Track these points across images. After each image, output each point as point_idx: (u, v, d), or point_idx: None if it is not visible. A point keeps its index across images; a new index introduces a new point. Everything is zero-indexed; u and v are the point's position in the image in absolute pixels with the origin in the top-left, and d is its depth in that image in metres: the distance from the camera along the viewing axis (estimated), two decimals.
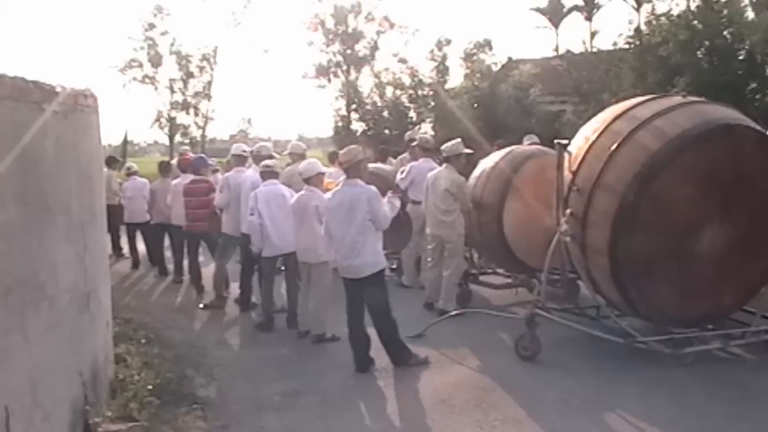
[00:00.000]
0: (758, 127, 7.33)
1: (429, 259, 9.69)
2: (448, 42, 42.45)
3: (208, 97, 51.35)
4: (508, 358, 7.51)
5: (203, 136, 52.73)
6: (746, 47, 21.13)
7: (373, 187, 7.21)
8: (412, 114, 30.62)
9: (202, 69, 50.72)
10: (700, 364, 7.08)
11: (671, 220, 6.87)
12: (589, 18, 56.87)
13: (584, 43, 32.54)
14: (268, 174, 9.12)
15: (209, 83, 51.24)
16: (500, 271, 10.57)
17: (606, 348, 7.37)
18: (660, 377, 6.85)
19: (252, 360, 8.05)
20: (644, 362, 7.13)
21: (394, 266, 11.41)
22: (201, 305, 10.49)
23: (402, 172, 10.87)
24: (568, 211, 7.23)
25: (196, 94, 50.99)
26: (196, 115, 51.42)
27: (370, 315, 7.33)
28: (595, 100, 20.16)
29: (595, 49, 30.69)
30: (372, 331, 7.40)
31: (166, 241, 13.10)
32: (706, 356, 7.23)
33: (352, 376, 7.27)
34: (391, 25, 47.99)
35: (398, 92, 31.84)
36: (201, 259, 11.62)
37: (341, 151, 7.88)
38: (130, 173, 14.31)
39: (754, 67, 20.92)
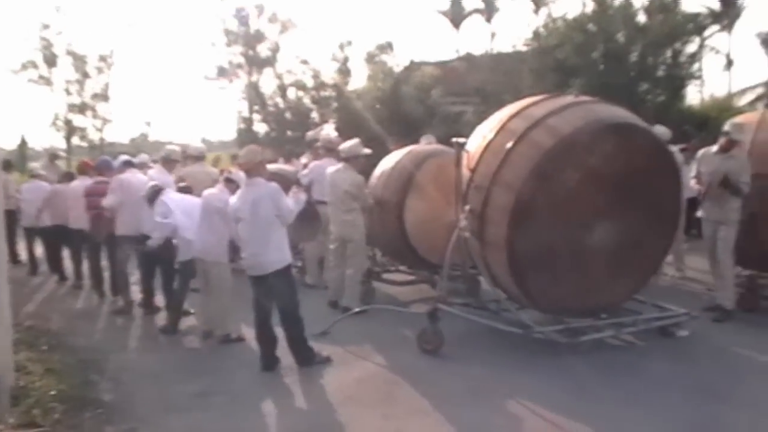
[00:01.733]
0: (646, 126, 7.67)
1: (332, 258, 9.77)
2: (350, 44, 42.65)
3: (106, 98, 50.03)
4: (412, 353, 7.66)
5: (101, 139, 51.34)
6: (638, 50, 21.97)
7: (275, 184, 7.28)
8: (314, 115, 30.66)
9: (99, 70, 49.38)
10: (595, 351, 7.43)
11: (565, 214, 7.12)
12: (488, 20, 58.06)
13: (485, 44, 33.12)
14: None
15: (107, 85, 49.95)
16: (403, 268, 10.72)
17: (506, 339, 7.61)
18: (557, 365, 7.13)
19: (157, 362, 7.99)
20: (543, 352, 7.43)
21: (299, 263, 11.46)
22: (111, 310, 10.33)
23: (304, 169, 10.98)
24: (467, 207, 7.43)
25: (94, 96, 49.61)
26: (95, 117, 50.01)
27: (278, 313, 7.36)
28: (496, 100, 20.58)
29: (495, 51, 31.35)
30: (278, 330, 7.44)
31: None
32: (600, 344, 7.59)
33: (258, 375, 7.30)
34: (294, 27, 47.81)
35: (300, 93, 31.85)
36: (102, 263, 11.41)
37: (240, 152, 7.90)
38: (34, 175, 13.93)
39: (646, 69, 21.77)
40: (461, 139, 7.93)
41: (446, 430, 5.84)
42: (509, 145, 7.20)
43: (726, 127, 8.85)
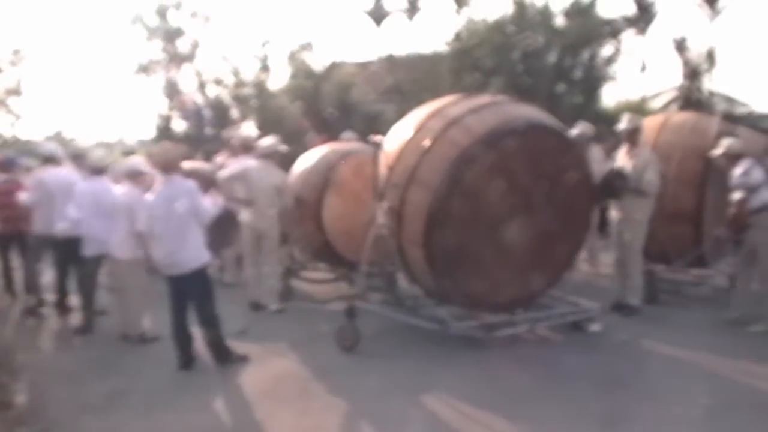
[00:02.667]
0: (559, 125, 7.87)
1: (248, 256, 9.70)
2: (272, 42, 42.41)
3: (18, 93, 48.57)
4: (330, 350, 7.69)
5: (14, 135, 49.82)
6: (556, 52, 22.50)
7: (192, 182, 7.23)
8: (234, 112, 30.39)
9: (12, 64, 47.93)
10: (511, 346, 7.64)
11: (481, 212, 7.24)
12: (411, 20, 58.33)
13: (407, 45, 33.30)
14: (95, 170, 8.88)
15: (19, 81, 48.51)
16: (322, 266, 10.74)
17: (424, 336, 7.72)
18: (474, 360, 7.28)
19: (72, 363, 7.85)
20: (460, 347, 7.57)
21: (218, 261, 11.39)
22: (23, 310, 10.06)
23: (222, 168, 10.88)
24: (384, 205, 7.49)
25: (8, 92, 48.14)
26: (7, 113, 48.51)
27: (195, 311, 7.31)
28: (416, 100, 20.84)
29: (417, 51, 31.56)
30: (194, 329, 7.39)
31: None
32: (515, 339, 7.78)
33: (175, 373, 7.25)
34: (212, 22, 47.29)
35: (220, 90, 31.52)
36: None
37: (155, 150, 7.81)
38: None
39: (563, 70, 22.32)
40: (378, 138, 8.00)
41: (362, 425, 5.93)
42: (426, 143, 7.29)
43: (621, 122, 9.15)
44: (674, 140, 9.76)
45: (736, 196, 8.37)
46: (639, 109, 27.27)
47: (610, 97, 32.51)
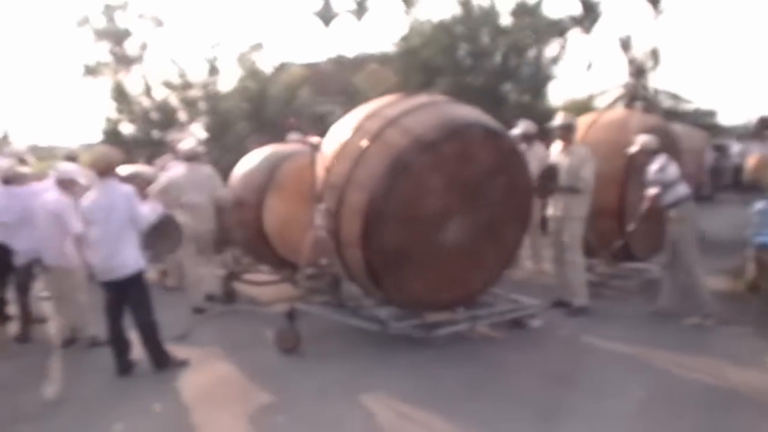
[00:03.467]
0: (497, 125, 7.93)
1: (191, 260, 9.61)
2: (222, 43, 41.97)
3: None
4: (270, 352, 7.69)
5: None
6: (502, 51, 22.67)
7: (129, 186, 7.17)
8: (182, 115, 30.04)
9: None
10: (452, 344, 7.68)
11: (419, 212, 7.26)
12: (359, 21, 58.41)
13: (356, 45, 33.23)
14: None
15: None
16: (265, 268, 10.70)
17: (366, 337, 7.75)
18: (414, 360, 7.31)
19: (8, 371, 7.72)
20: (401, 347, 7.60)
21: (162, 268, 11.32)
22: None
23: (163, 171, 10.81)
24: (322, 206, 7.49)
25: None
26: None
27: (132, 317, 7.24)
28: (362, 100, 20.87)
29: (365, 52, 31.55)
30: (133, 334, 7.32)
31: None
32: (456, 337, 7.82)
33: (113, 380, 7.18)
34: (162, 24, 46.71)
35: (168, 93, 31.10)
36: None
37: (92, 155, 7.70)
38: None
39: (508, 69, 22.49)
40: (316, 139, 8.00)
41: (299, 427, 5.92)
42: (364, 144, 7.30)
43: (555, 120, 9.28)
44: (601, 137, 10.02)
45: (651, 191, 8.65)
46: (585, 107, 27.60)
47: (557, 95, 32.86)
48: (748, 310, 9.42)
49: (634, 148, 9.07)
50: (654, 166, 8.74)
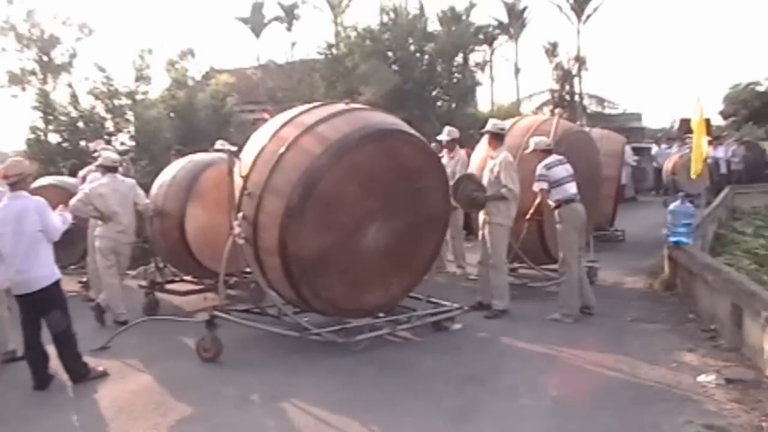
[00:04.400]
0: (413, 131, 8.03)
1: (110, 272, 9.44)
2: (150, 51, 41.42)
3: None
4: (191, 362, 7.63)
5: None
6: (428, 58, 22.88)
7: (41, 198, 7.07)
8: (109, 125, 29.60)
9: None
10: (373, 349, 7.72)
11: (337, 218, 7.33)
12: (289, 28, 58.29)
13: (285, 53, 33.10)
14: None
15: None
16: (188, 277, 10.63)
17: (288, 344, 7.74)
18: (335, 365, 7.34)
19: None
20: (321, 353, 7.61)
21: (83, 280, 11.17)
22: None
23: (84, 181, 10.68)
24: (240, 214, 7.49)
25: None
26: None
27: (48, 330, 7.12)
28: (290, 108, 20.87)
29: (295, 59, 31.54)
30: (50, 347, 7.20)
31: None
32: (378, 342, 7.88)
33: (31, 394, 7.02)
34: (90, 32, 45.85)
35: (95, 102, 30.59)
36: None
37: (5, 164, 7.56)
38: None
39: (435, 75, 22.71)
40: (233, 147, 8.01)
41: None
42: (280, 151, 7.32)
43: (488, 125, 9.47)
44: (518, 143, 10.22)
45: (536, 187, 9.11)
46: (512, 112, 28.03)
47: (484, 101, 33.38)
48: (663, 308, 9.71)
49: (528, 150, 9.38)
50: (541, 164, 9.08)
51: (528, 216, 9.70)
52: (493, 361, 7.51)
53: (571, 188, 9.04)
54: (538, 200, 9.36)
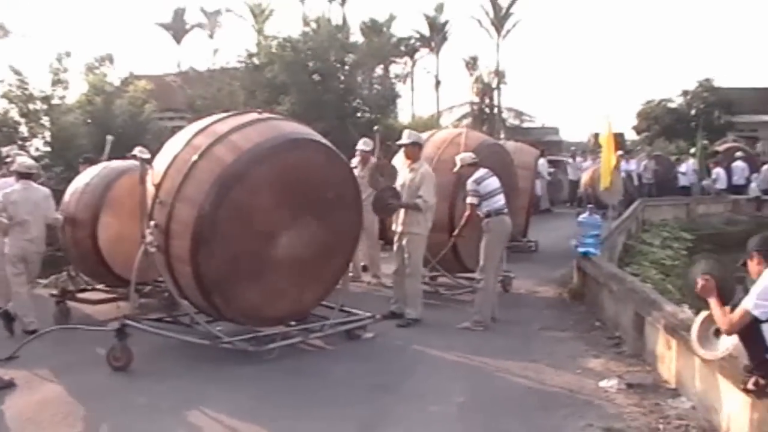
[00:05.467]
0: (325, 142, 8.13)
1: (15, 278, 9.25)
2: (69, 54, 40.47)
3: None
4: (102, 371, 7.50)
5: None
6: (348, 68, 22.99)
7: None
8: (23, 129, 28.85)
9: None
10: (285, 357, 7.74)
11: (249, 227, 7.37)
12: (211, 36, 57.89)
13: (207, 60, 32.73)
14: None
15: None
16: (101, 286, 10.47)
17: (200, 352, 7.70)
18: (246, 374, 7.35)
19: None
20: (233, 362, 7.60)
21: None
22: None
23: None
24: (152, 222, 7.46)
25: None
26: None
27: None
28: (209, 116, 20.74)
29: (217, 67, 31.26)
30: None
31: None
32: (290, 350, 7.91)
33: None
34: (6, 33, 44.65)
35: (8, 106, 29.80)
36: None
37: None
38: None
39: (355, 86, 22.83)
40: (145, 155, 7.96)
41: None
42: (193, 159, 7.33)
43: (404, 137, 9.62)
44: (432, 154, 10.43)
45: (468, 200, 9.33)
46: (431, 124, 28.37)
47: (405, 113, 33.70)
48: (571, 316, 10.01)
49: (457, 166, 9.56)
50: (471, 179, 9.31)
51: (456, 233, 9.84)
52: (403, 369, 7.64)
53: (500, 200, 9.31)
54: (467, 214, 9.49)
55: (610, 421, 6.13)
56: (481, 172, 9.41)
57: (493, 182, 9.38)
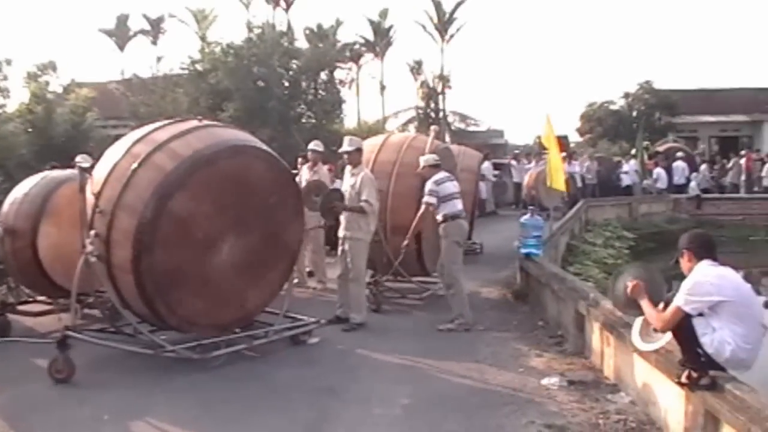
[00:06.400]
0: (265, 148, 8.15)
1: None
2: (9, 62, 39.74)
3: None
4: (44, 384, 7.40)
5: None
6: (292, 74, 22.97)
7: None
8: None
9: None
10: (230, 365, 7.71)
11: (191, 235, 7.34)
12: (155, 42, 57.37)
13: (150, 67, 32.40)
14: None
15: None
16: (42, 298, 10.32)
17: (144, 362, 7.64)
18: (190, 382, 7.32)
19: None
20: (179, 371, 7.55)
21: None
22: None
23: None
24: (92, 232, 7.39)
25: None
26: None
27: None
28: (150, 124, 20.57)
29: (161, 74, 31.00)
30: None
31: None
32: (234, 357, 7.88)
33: None
34: None
35: None
36: None
37: None
38: None
39: (299, 92, 22.82)
40: (85, 163, 7.89)
41: None
42: (133, 167, 7.28)
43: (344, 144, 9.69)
44: (393, 158, 10.49)
45: (424, 200, 9.44)
46: (377, 129, 28.47)
47: (351, 118, 33.78)
48: (515, 316, 10.16)
49: (420, 168, 9.67)
50: (429, 181, 9.44)
51: (409, 234, 9.90)
52: (348, 373, 7.67)
53: (458, 204, 9.47)
54: (419, 214, 9.62)
55: (552, 418, 6.25)
56: (441, 174, 9.58)
57: (451, 186, 9.58)
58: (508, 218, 22.09)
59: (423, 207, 9.56)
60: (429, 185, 9.46)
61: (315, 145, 11.81)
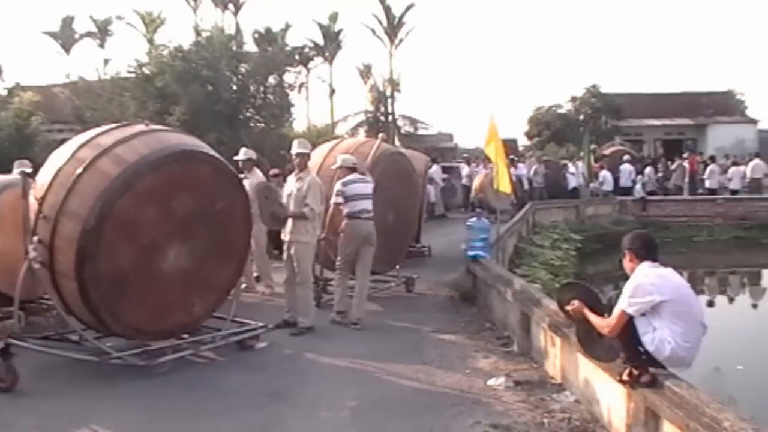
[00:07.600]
0: (212, 153, 8.14)
1: None
2: None
3: None
4: None
5: None
6: (240, 78, 22.86)
7: None
8: None
9: None
10: (177, 370, 7.68)
11: (136, 241, 7.30)
12: (101, 45, 56.65)
13: (97, 70, 31.86)
14: None
15: None
16: None
17: (90, 369, 7.56)
18: (136, 389, 7.25)
19: None
20: (125, 377, 7.48)
21: None
22: None
23: None
24: (35, 238, 7.30)
25: None
26: None
27: None
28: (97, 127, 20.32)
29: (108, 77, 30.61)
30: None
31: None
32: (181, 363, 7.86)
33: None
34: None
35: None
36: None
37: None
38: None
39: (247, 96, 22.72)
40: (27, 168, 7.80)
41: None
42: (78, 173, 7.21)
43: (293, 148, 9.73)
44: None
45: (332, 200, 9.83)
46: (326, 133, 28.48)
47: (300, 122, 33.72)
48: (462, 318, 10.26)
49: (335, 166, 9.98)
50: (338, 182, 9.75)
51: (323, 235, 10.00)
52: (295, 377, 7.69)
53: (361, 205, 9.63)
54: (330, 212, 10.07)
55: (497, 418, 6.36)
56: (352, 176, 9.83)
57: (360, 188, 9.82)
58: (456, 221, 22.21)
59: (331, 207, 9.97)
60: (336, 186, 9.76)
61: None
